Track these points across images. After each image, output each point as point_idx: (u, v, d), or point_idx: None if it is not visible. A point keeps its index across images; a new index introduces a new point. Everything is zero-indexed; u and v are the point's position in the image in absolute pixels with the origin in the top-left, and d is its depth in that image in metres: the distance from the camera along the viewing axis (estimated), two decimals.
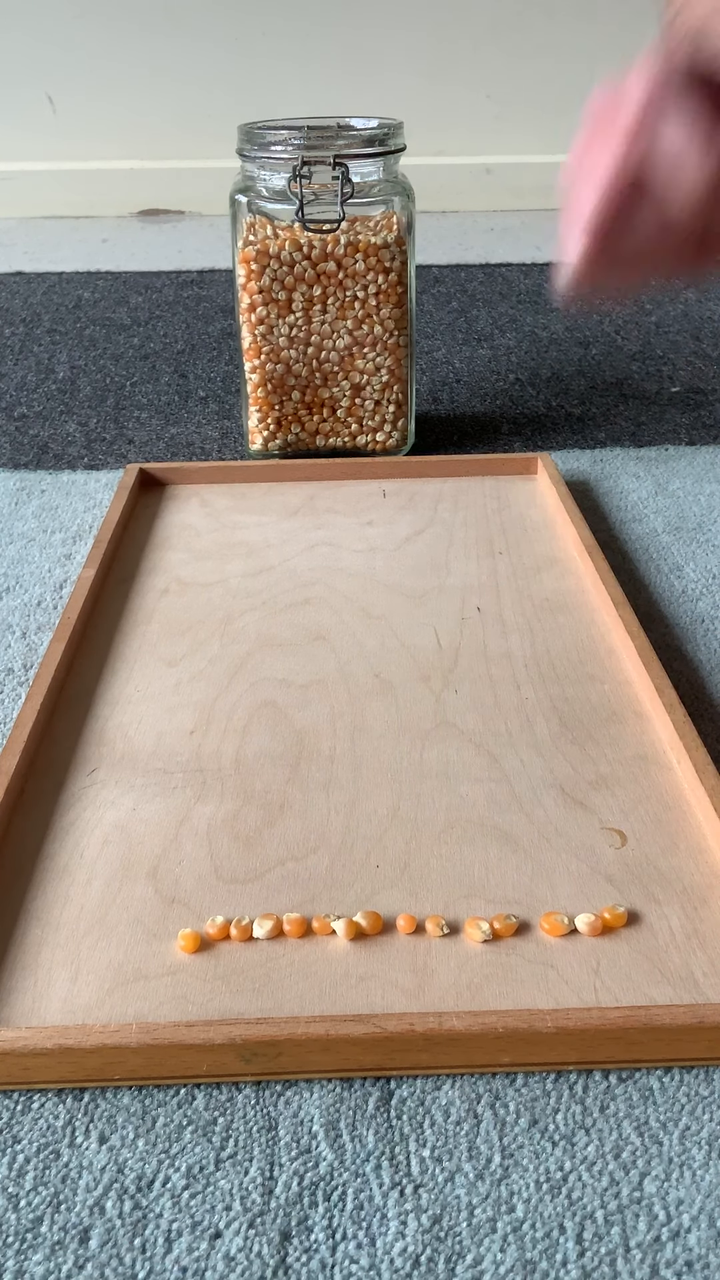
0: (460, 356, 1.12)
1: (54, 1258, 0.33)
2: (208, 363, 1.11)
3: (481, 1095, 0.37)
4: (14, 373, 1.09)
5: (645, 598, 0.67)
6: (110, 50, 1.81)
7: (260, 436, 0.84)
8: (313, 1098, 0.37)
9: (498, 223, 1.78)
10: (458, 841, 0.46)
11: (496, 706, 0.55)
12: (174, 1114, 0.36)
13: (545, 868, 0.45)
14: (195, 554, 0.71)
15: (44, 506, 0.80)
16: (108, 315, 1.29)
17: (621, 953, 0.41)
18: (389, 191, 0.79)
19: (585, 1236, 0.33)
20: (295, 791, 0.50)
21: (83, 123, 1.85)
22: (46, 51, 1.81)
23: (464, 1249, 0.32)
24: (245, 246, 0.78)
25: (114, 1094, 0.37)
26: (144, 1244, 0.33)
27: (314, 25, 1.80)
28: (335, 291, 0.78)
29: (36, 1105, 0.37)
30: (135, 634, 0.62)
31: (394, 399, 0.83)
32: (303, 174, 0.75)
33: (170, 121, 1.85)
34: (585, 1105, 0.37)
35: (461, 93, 1.85)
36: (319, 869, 0.45)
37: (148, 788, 0.50)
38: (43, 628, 0.64)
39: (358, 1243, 0.33)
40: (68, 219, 1.86)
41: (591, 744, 0.52)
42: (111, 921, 0.43)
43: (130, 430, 0.94)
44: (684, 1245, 0.33)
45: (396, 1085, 0.37)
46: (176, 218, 1.87)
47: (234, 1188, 0.34)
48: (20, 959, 0.41)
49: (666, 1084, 0.37)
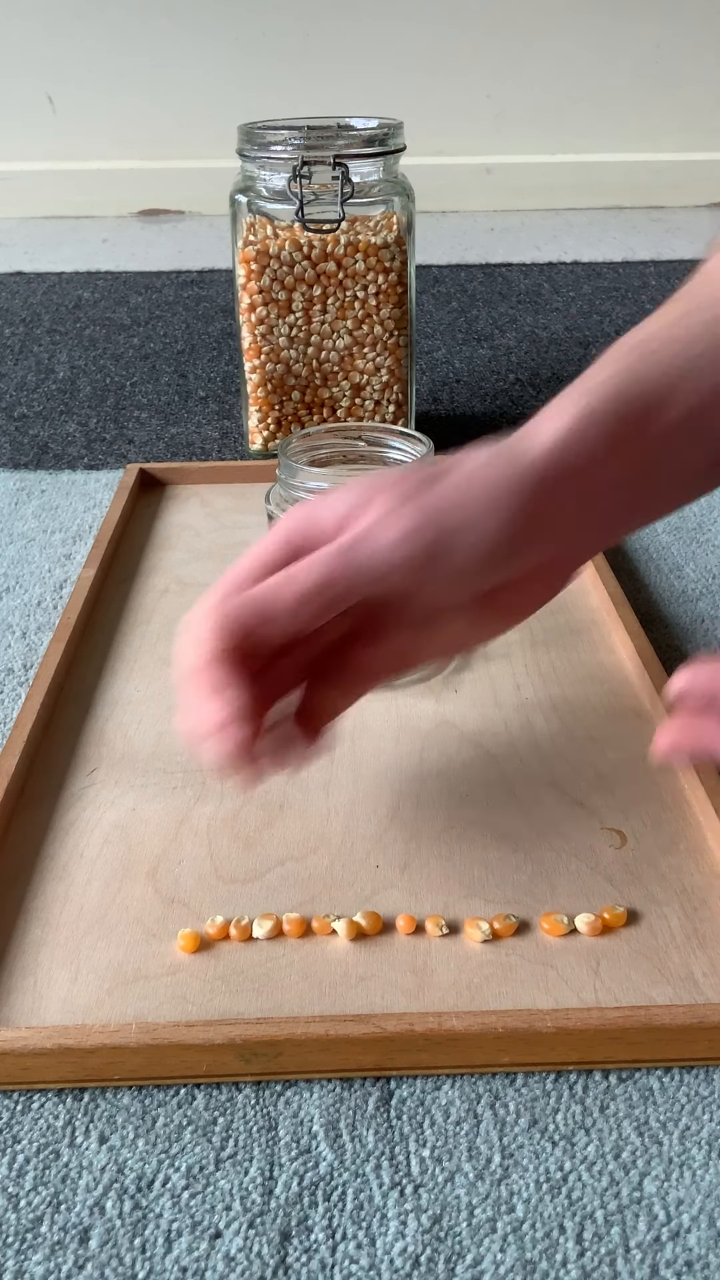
0: (460, 356, 1.12)
1: (54, 1258, 0.33)
2: (208, 363, 1.11)
3: (481, 1095, 0.37)
4: (14, 373, 1.09)
5: (645, 598, 0.67)
6: (110, 50, 1.81)
7: (260, 436, 0.84)
8: (313, 1098, 0.37)
9: (498, 223, 1.78)
10: (457, 841, 0.46)
11: (496, 706, 0.55)
12: (174, 1114, 0.36)
13: (545, 868, 0.45)
14: (195, 554, 0.71)
15: (44, 506, 0.80)
16: (108, 315, 1.29)
17: (621, 953, 0.41)
18: (389, 191, 0.79)
19: (585, 1236, 0.33)
20: (295, 791, 0.50)
21: (83, 123, 1.85)
22: (46, 51, 1.81)
23: (464, 1249, 0.32)
24: (245, 246, 0.78)
25: (114, 1094, 0.37)
26: (144, 1244, 0.33)
27: (314, 25, 1.80)
28: (335, 291, 0.78)
29: (36, 1105, 0.37)
30: (135, 634, 0.62)
31: (394, 399, 0.83)
32: (303, 174, 0.75)
33: (170, 121, 1.85)
34: (585, 1105, 0.37)
35: (461, 93, 1.85)
36: (319, 869, 0.45)
37: (148, 788, 0.50)
38: (43, 628, 0.64)
39: (358, 1243, 0.33)
40: (68, 219, 1.86)
41: (591, 744, 0.52)
42: (111, 921, 0.43)
43: (130, 430, 0.94)
44: (684, 1245, 0.33)
45: (396, 1085, 0.37)
46: (176, 218, 1.87)
47: (234, 1188, 0.34)
48: (20, 959, 0.41)
49: (666, 1084, 0.37)
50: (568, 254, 1.55)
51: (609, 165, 1.87)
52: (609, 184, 1.87)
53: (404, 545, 0.39)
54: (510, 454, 0.42)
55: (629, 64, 1.82)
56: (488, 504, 0.40)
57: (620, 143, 1.87)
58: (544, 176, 1.87)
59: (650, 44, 1.80)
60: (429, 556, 0.39)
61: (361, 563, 0.39)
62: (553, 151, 1.88)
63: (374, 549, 0.39)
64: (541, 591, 0.45)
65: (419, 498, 0.40)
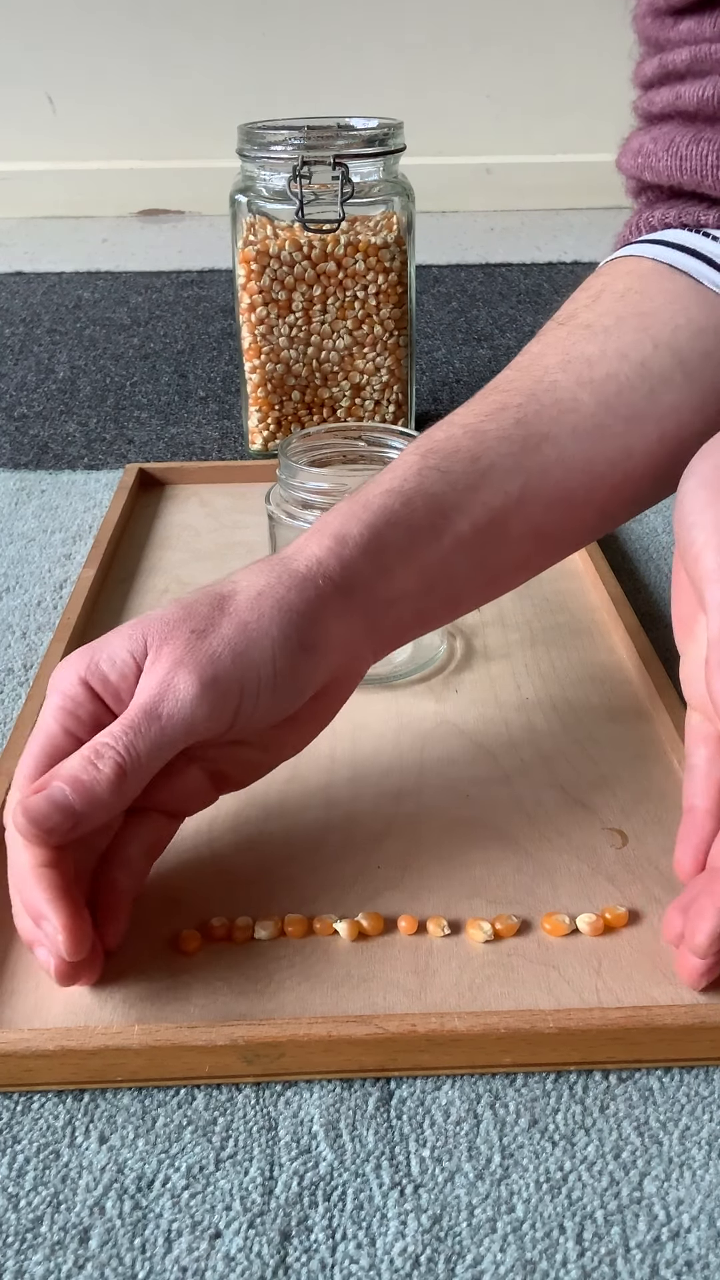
0: (460, 356, 1.12)
1: (54, 1258, 0.33)
2: (208, 363, 1.11)
3: (481, 1095, 0.37)
4: (14, 373, 1.09)
5: (645, 598, 0.67)
6: (110, 50, 1.81)
7: (260, 436, 0.84)
8: (313, 1098, 0.37)
9: (498, 223, 1.78)
10: (459, 842, 0.46)
11: (497, 706, 0.55)
12: (174, 1114, 0.36)
13: (546, 868, 0.45)
14: (195, 554, 0.71)
15: (44, 506, 0.80)
16: (108, 315, 1.29)
17: (623, 952, 0.41)
18: (389, 191, 0.79)
19: (585, 1236, 0.33)
20: (296, 791, 0.50)
21: (83, 123, 1.85)
22: (46, 51, 1.81)
23: (464, 1249, 0.32)
24: (245, 246, 0.78)
25: (114, 1094, 0.37)
26: (144, 1244, 0.33)
27: (314, 25, 1.80)
28: (335, 291, 0.78)
29: (36, 1105, 0.37)
30: None
31: (394, 399, 0.83)
32: (303, 174, 0.75)
33: (170, 121, 1.85)
34: (585, 1105, 0.37)
35: (461, 93, 1.85)
36: (320, 869, 0.45)
37: None
38: (43, 628, 0.64)
39: (358, 1243, 0.33)
40: (68, 219, 1.86)
41: (592, 744, 0.52)
42: None
43: (130, 430, 0.94)
44: (684, 1245, 0.33)
45: (396, 1085, 0.37)
46: (176, 218, 1.87)
47: (234, 1188, 0.34)
48: (22, 960, 0.41)
49: (666, 1084, 0.37)
50: (568, 254, 1.55)
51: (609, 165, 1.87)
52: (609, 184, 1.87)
53: (206, 699, 0.38)
54: (292, 574, 0.41)
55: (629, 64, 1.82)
56: (281, 630, 0.39)
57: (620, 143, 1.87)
58: (544, 176, 1.87)
59: None
60: (231, 704, 0.38)
61: (170, 728, 0.37)
62: (553, 151, 1.87)
63: (176, 710, 0.37)
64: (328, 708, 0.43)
65: (207, 640, 0.39)
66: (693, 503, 0.39)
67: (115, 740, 0.37)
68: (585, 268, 1.47)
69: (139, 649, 0.39)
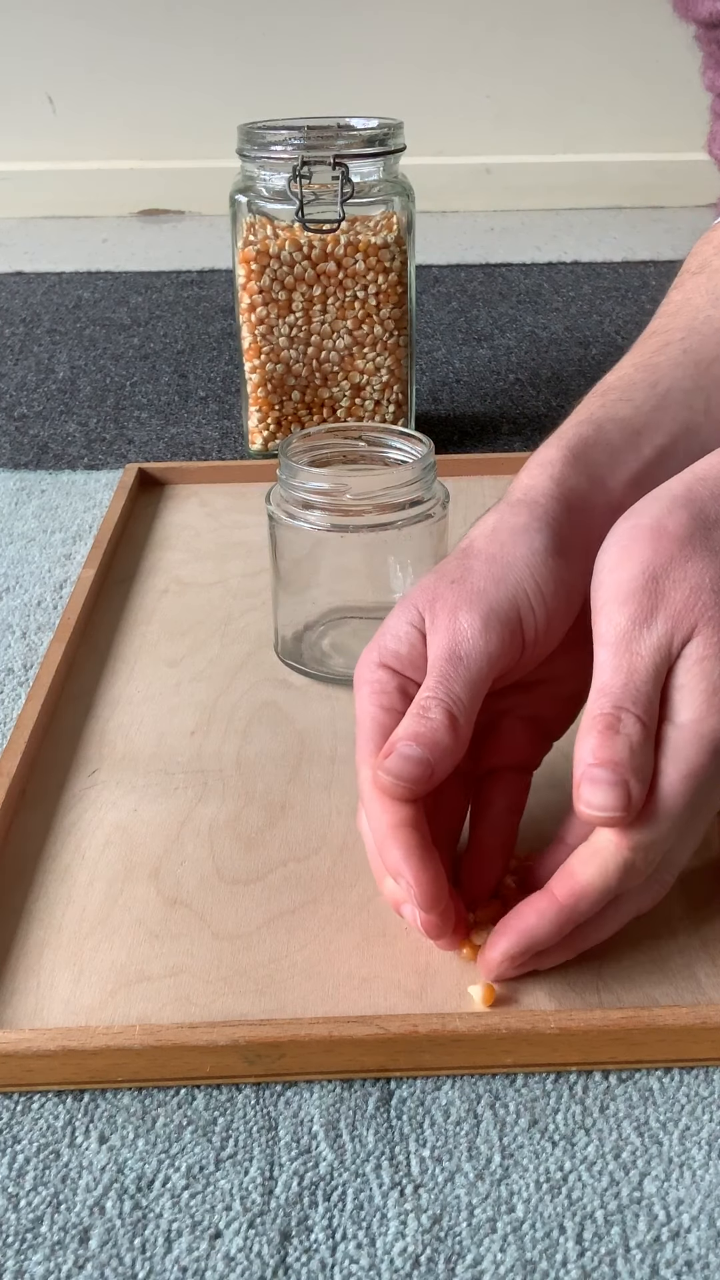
0: (460, 356, 1.12)
1: (54, 1258, 0.33)
2: (208, 363, 1.11)
3: (481, 1095, 0.37)
4: (14, 373, 1.09)
5: None
6: (110, 50, 1.80)
7: (260, 436, 0.84)
8: (313, 1098, 0.37)
9: (498, 223, 1.78)
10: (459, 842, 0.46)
11: None
12: (174, 1114, 0.37)
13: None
14: (195, 554, 0.71)
15: (44, 506, 0.80)
16: (108, 315, 1.29)
17: (624, 952, 0.41)
18: (389, 191, 0.79)
19: (585, 1236, 0.33)
20: (297, 792, 0.50)
21: (83, 123, 1.85)
22: (46, 51, 1.81)
23: (464, 1249, 0.33)
24: (245, 246, 0.78)
25: (114, 1094, 0.37)
26: (144, 1244, 0.33)
27: (314, 25, 1.80)
28: (335, 291, 0.78)
29: (36, 1105, 0.37)
30: (135, 634, 0.62)
31: (394, 399, 0.83)
32: (303, 174, 0.75)
33: (170, 121, 1.85)
34: (585, 1105, 0.37)
35: (461, 93, 1.85)
36: (321, 870, 0.45)
37: (149, 789, 0.50)
38: (43, 628, 0.64)
39: (358, 1243, 0.33)
40: (68, 219, 1.86)
41: None
42: (114, 923, 0.43)
43: (130, 430, 0.94)
44: (684, 1245, 0.33)
45: (396, 1085, 0.37)
46: (176, 218, 1.87)
47: (234, 1188, 0.34)
48: (22, 960, 0.41)
49: (666, 1084, 0.37)
50: (568, 254, 1.55)
51: (609, 165, 1.87)
52: (609, 184, 1.87)
53: (491, 629, 0.40)
54: (514, 504, 0.44)
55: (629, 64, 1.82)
56: (527, 548, 0.42)
57: (620, 143, 1.87)
58: (544, 176, 1.87)
59: (650, 44, 1.80)
60: (514, 627, 0.40)
61: (474, 665, 0.40)
62: (553, 151, 1.87)
63: (472, 648, 0.40)
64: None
65: (468, 582, 0.41)
66: (603, 559, 0.41)
67: (434, 691, 0.40)
68: (585, 267, 1.47)
69: (416, 618, 0.42)
